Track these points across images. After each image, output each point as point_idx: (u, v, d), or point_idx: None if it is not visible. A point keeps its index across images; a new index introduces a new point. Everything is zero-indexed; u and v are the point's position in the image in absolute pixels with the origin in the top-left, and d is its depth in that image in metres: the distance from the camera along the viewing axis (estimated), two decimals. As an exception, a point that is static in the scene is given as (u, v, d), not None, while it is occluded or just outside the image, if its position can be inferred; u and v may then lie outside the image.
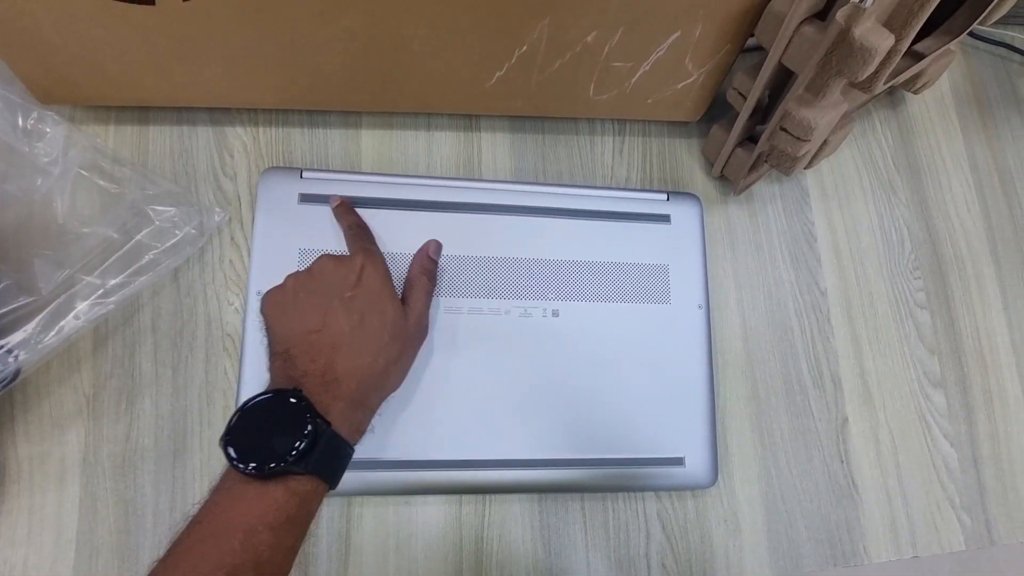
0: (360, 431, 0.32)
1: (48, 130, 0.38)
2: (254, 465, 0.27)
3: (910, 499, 0.44)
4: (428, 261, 0.37)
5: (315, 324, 0.32)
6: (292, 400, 0.29)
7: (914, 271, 0.48)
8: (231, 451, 0.28)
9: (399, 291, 0.36)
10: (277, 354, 0.32)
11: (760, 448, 0.43)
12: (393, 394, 0.37)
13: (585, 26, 0.36)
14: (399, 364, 0.34)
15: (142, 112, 0.42)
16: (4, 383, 0.32)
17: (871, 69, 0.34)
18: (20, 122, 0.37)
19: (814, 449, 0.44)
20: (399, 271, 0.39)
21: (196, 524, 0.27)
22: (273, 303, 0.34)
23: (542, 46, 0.37)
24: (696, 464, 0.40)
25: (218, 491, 0.28)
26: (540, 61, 0.39)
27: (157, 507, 0.36)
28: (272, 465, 0.27)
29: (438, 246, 0.38)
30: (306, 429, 0.28)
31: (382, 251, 0.39)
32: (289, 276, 0.35)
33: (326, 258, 0.35)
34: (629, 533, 0.40)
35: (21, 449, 0.36)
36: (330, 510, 0.38)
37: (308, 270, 0.34)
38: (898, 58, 0.37)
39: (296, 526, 0.28)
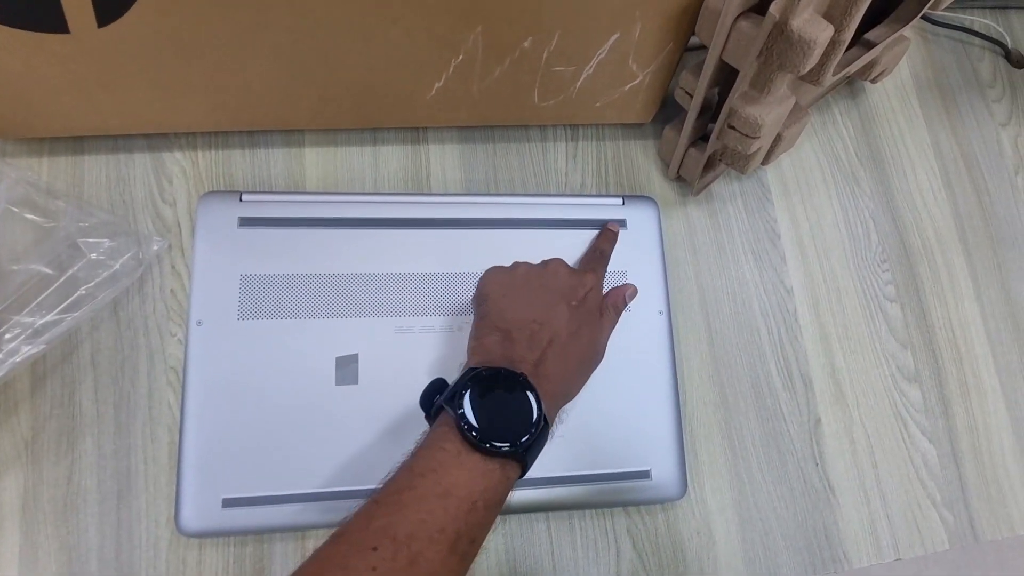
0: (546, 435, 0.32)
1: (-26, 166, 0.36)
2: (489, 443, 0.28)
3: (889, 499, 0.42)
4: (622, 301, 0.38)
5: (540, 316, 0.33)
6: (525, 386, 0.30)
7: (882, 264, 0.47)
8: (467, 420, 0.28)
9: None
10: (496, 329, 0.33)
11: (731, 455, 0.42)
12: (345, 421, 0.36)
13: (520, 32, 0.35)
14: (583, 381, 0.35)
15: (76, 142, 0.41)
16: (-75, 433, 0.30)
17: (813, 61, 0.33)
18: (-56, 159, 0.36)
19: (787, 453, 0.42)
20: (337, 292, 0.38)
21: (420, 477, 0.27)
22: (499, 281, 0.35)
23: (478, 54, 0.36)
24: (664, 476, 0.39)
25: (441, 451, 0.28)
26: (478, 70, 0.37)
27: (102, 552, 0.35)
28: (506, 447, 0.28)
29: (635, 291, 0.39)
30: (534, 418, 0.29)
31: (324, 272, 0.38)
32: (519, 262, 0.37)
33: (562, 263, 0.37)
34: (598, 552, 0.39)
35: (-43, 498, 0.35)
36: (284, 546, 0.36)
37: (542, 264, 0.37)
38: (842, 49, 0.36)
39: (500, 508, 0.29)
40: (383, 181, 0.43)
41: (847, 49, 0.38)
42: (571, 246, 0.41)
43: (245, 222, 0.39)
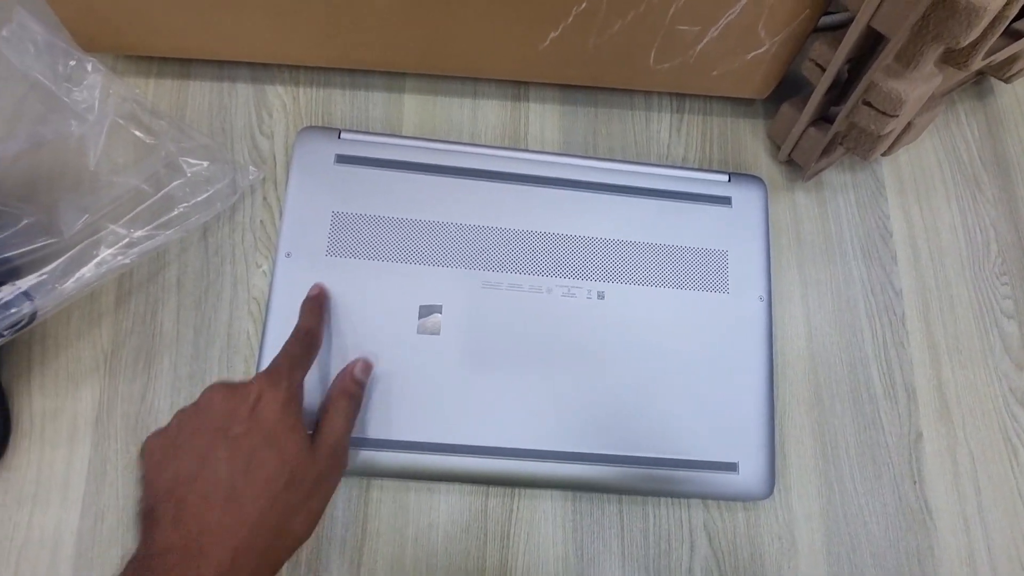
0: None
1: (87, 77, 0.36)
2: None
3: (992, 530, 0.39)
4: (351, 382, 0.31)
5: (189, 471, 0.25)
6: None
7: (1001, 276, 0.43)
8: None
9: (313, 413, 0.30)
10: (143, 513, 0.25)
11: (822, 460, 0.39)
12: (423, 371, 0.34)
13: (652, -18, 0.34)
14: (305, 510, 0.27)
15: (183, 66, 0.41)
16: (20, 325, 0.30)
17: (975, 34, 0.30)
18: (60, 67, 0.36)
19: (883, 466, 0.39)
20: (427, 240, 0.37)
21: None
22: (153, 447, 0.27)
23: (603, 4, 0.35)
24: (751, 472, 0.36)
25: None
26: (599, 21, 0.36)
27: (167, 474, 0.34)
28: None
29: (366, 366, 0.32)
30: None
31: (416, 217, 0.36)
32: (177, 413, 0.28)
33: (218, 387, 0.28)
34: (671, 544, 0.36)
35: (35, 403, 0.35)
36: (347, 491, 0.35)
37: (195, 404, 0.28)
38: (1003, 26, 0.33)
39: None
40: (480, 134, 0.42)
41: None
42: (671, 218, 0.39)
43: (342, 159, 0.38)
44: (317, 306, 0.34)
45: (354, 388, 0.32)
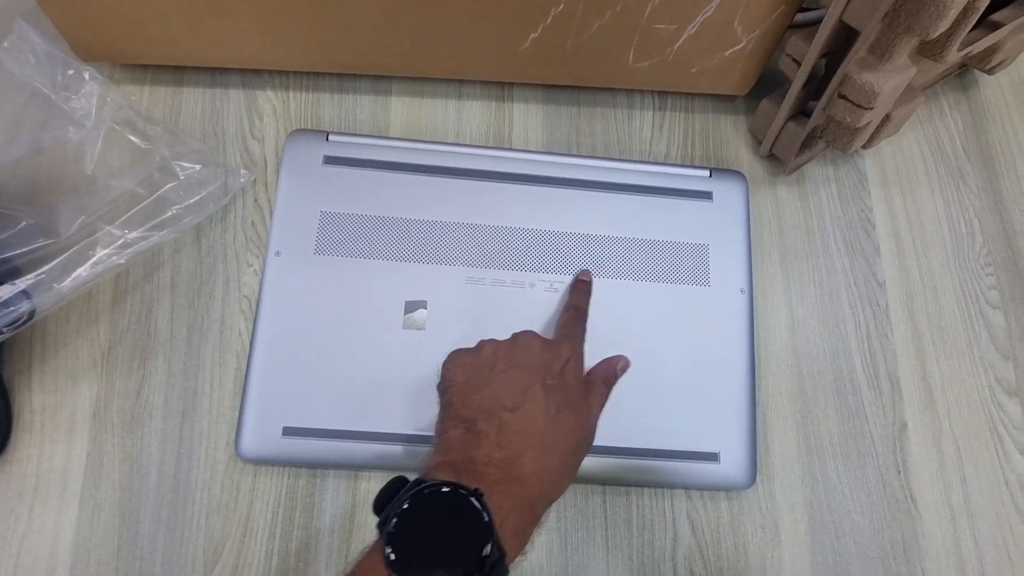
0: (522, 548, 0.26)
1: (85, 85, 0.38)
2: None
3: (978, 520, 0.39)
4: (612, 375, 0.34)
5: (511, 401, 0.28)
6: (476, 510, 0.24)
7: (985, 267, 0.43)
8: (394, 549, 0.23)
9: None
10: (461, 420, 0.28)
11: (805, 450, 0.39)
12: (408, 365, 0.35)
13: (626, -18, 0.34)
14: (571, 475, 0.29)
15: (177, 73, 0.42)
16: (19, 323, 0.31)
17: (945, 25, 0.31)
18: (59, 76, 0.38)
19: (867, 456, 0.39)
20: (412, 238, 0.38)
21: None
22: (462, 363, 0.30)
23: (580, 5, 0.36)
24: (732, 461, 0.37)
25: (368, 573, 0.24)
26: (577, 22, 0.37)
27: (162, 467, 0.35)
28: None
29: (627, 364, 0.35)
30: (484, 553, 0.23)
31: (401, 216, 0.38)
32: (485, 341, 0.31)
33: (534, 335, 0.31)
34: (655, 533, 0.37)
35: (36, 398, 0.36)
36: (336, 483, 0.36)
37: (512, 342, 0.31)
38: (975, 17, 0.33)
39: None
40: (465, 135, 0.43)
41: (972, 29, 0.36)
42: (653, 213, 0.40)
43: (330, 160, 0.39)
44: (589, 288, 0.37)
45: (613, 380, 0.34)
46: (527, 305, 0.37)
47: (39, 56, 0.37)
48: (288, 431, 0.35)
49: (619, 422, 0.36)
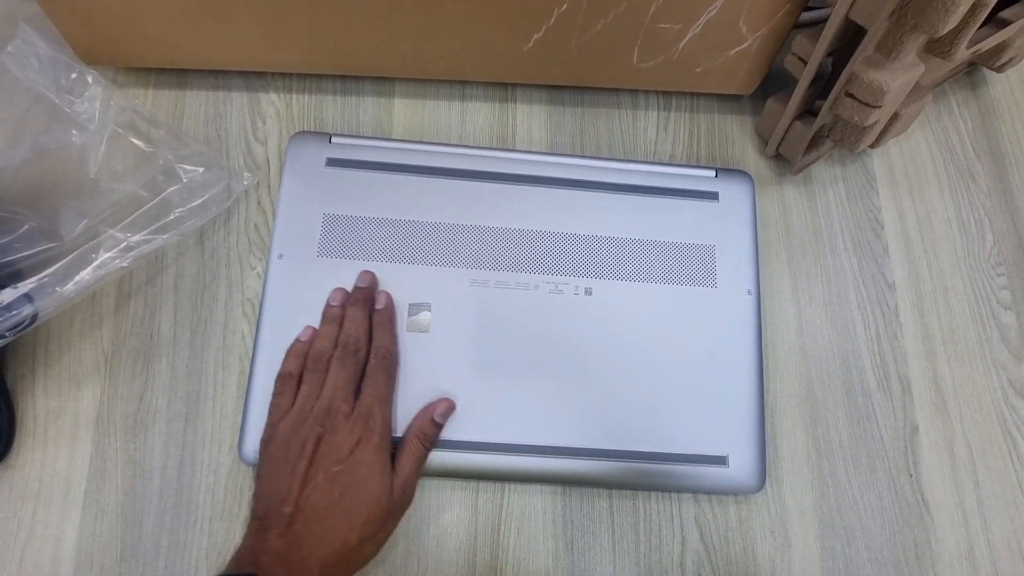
0: None
1: (88, 88, 0.38)
2: None
3: (991, 524, 0.38)
4: (430, 425, 0.34)
5: (292, 498, 0.30)
6: None
7: (996, 267, 0.43)
8: None
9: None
10: (256, 516, 0.31)
11: (815, 454, 0.38)
12: (411, 367, 0.35)
13: (630, -19, 0.34)
14: (375, 540, 0.32)
15: (180, 76, 0.42)
16: (22, 326, 0.31)
17: (953, 22, 0.30)
18: (63, 80, 0.38)
19: (878, 459, 0.39)
20: (416, 240, 0.37)
21: None
22: (265, 455, 0.32)
23: (583, 5, 0.35)
24: (741, 465, 0.36)
25: None
26: (580, 22, 0.36)
27: (165, 471, 0.35)
28: None
29: (448, 407, 0.35)
30: None
31: (405, 218, 0.38)
32: (281, 423, 0.32)
33: (325, 422, 0.32)
34: (662, 538, 0.36)
35: (39, 403, 0.36)
36: (340, 487, 0.36)
37: (322, 406, 0.32)
38: (984, 14, 0.33)
39: None
40: (468, 136, 0.43)
41: (980, 26, 0.35)
42: (658, 214, 0.39)
43: (332, 163, 0.39)
44: (388, 322, 0.36)
45: (431, 430, 0.34)
46: (531, 307, 0.37)
47: (42, 60, 0.37)
48: (291, 435, 0.34)
49: (625, 425, 0.36)
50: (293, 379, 0.34)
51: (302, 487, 0.30)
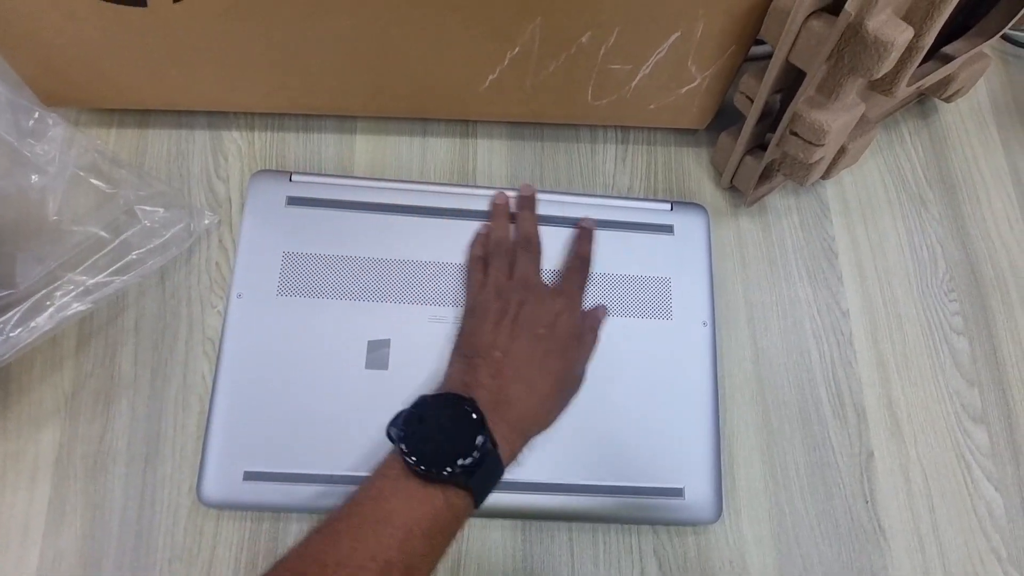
0: (514, 457, 0.31)
1: (49, 130, 0.38)
2: (424, 467, 0.27)
3: (947, 549, 0.39)
4: (597, 322, 0.38)
5: (501, 346, 0.33)
6: (469, 410, 0.29)
7: (949, 293, 0.44)
8: (404, 445, 0.28)
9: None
10: (463, 356, 0.34)
11: (772, 483, 0.39)
12: (372, 405, 0.35)
13: (578, 26, 0.35)
14: (557, 409, 0.34)
15: (143, 116, 0.42)
16: (-26, 376, 0.31)
17: (888, 66, 0.31)
18: (23, 123, 0.38)
19: (834, 486, 0.39)
20: (375, 277, 0.38)
21: (357, 505, 0.27)
22: (473, 316, 0.35)
23: (535, 48, 0.36)
24: (697, 497, 0.37)
25: (383, 478, 0.28)
26: (534, 64, 0.37)
27: (124, 513, 0.35)
28: (443, 471, 0.27)
29: (604, 312, 0.38)
30: (477, 443, 0.28)
31: (364, 255, 0.38)
32: (499, 273, 0.36)
33: (533, 288, 0.36)
34: (621, 570, 0.37)
35: (-2, 446, 0.36)
36: (300, 527, 0.36)
37: (516, 287, 0.36)
38: (920, 56, 0.34)
39: (446, 538, 0.28)
40: (430, 172, 0.43)
41: (923, 61, 0.37)
42: (614, 248, 0.40)
43: (293, 201, 0.39)
44: (591, 235, 0.39)
45: (598, 325, 0.38)
46: (490, 343, 0.38)
47: (1, 104, 0.37)
48: (250, 475, 0.34)
49: (582, 459, 0.36)
50: (480, 261, 0.38)
51: (510, 340, 0.33)
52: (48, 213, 0.37)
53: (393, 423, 0.30)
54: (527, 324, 0.34)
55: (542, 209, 0.40)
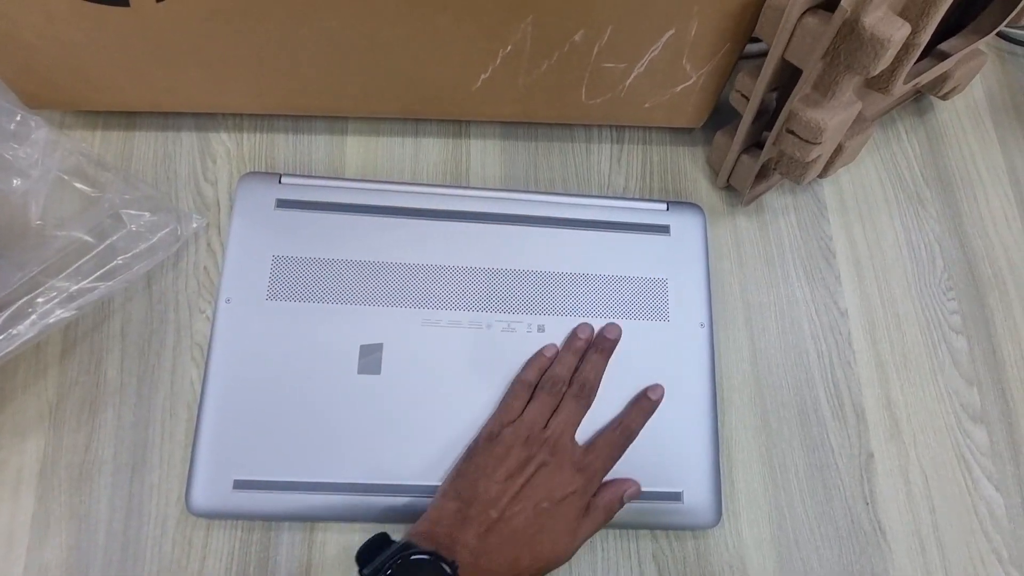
0: None
1: (32, 133, 0.37)
2: None
3: (948, 550, 0.38)
4: (619, 503, 0.35)
5: (501, 507, 0.32)
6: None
7: (947, 292, 0.43)
8: None
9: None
10: (460, 497, 0.32)
11: (771, 485, 0.39)
12: (364, 411, 0.35)
13: (571, 25, 0.34)
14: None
15: (129, 118, 0.42)
16: (-47, 386, 0.30)
17: (884, 63, 0.31)
18: (4, 125, 0.37)
19: (834, 488, 0.39)
20: (367, 280, 0.37)
21: None
22: (488, 450, 0.33)
23: (527, 46, 0.36)
24: (696, 500, 0.36)
25: None
26: (526, 62, 0.37)
27: (110, 525, 0.34)
28: None
29: (637, 491, 0.35)
30: None
31: (356, 258, 0.37)
32: (538, 415, 0.34)
33: (560, 450, 0.34)
34: (620, 575, 0.36)
35: (-20, 457, 0.35)
36: (291, 535, 0.35)
37: (551, 438, 0.34)
38: (916, 53, 0.33)
39: None
40: (422, 173, 0.43)
41: (919, 59, 0.36)
42: (610, 249, 0.39)
43: (282, 204, 0.39)
44: (652, 409, 0.37)
45: (616, 506, 0.34)
46: (484, 347, 0.37)
47: (-17, 107, 0.37)
48: (239, 484, 0.34)
49: (579, 464, 0.36)
50: (528, 388, 0.35)
51: (512, 502, 0.32)
52: (31, 217, 0.37)
53: (368, 562, 0.29)
54: (535, 492, 0.32)
55: (536, 210, 0.40)
